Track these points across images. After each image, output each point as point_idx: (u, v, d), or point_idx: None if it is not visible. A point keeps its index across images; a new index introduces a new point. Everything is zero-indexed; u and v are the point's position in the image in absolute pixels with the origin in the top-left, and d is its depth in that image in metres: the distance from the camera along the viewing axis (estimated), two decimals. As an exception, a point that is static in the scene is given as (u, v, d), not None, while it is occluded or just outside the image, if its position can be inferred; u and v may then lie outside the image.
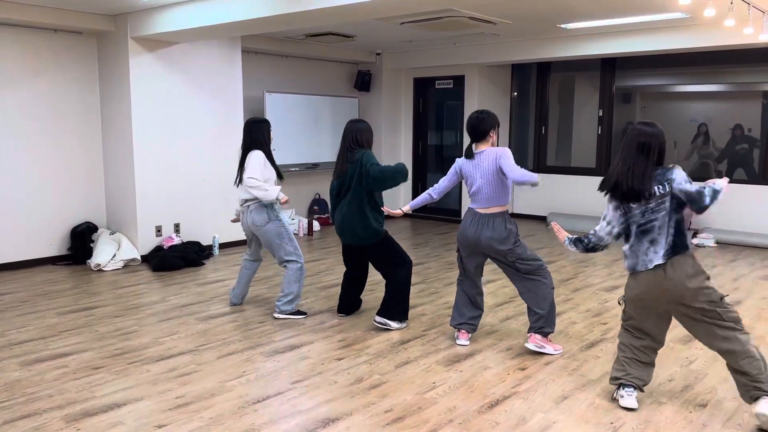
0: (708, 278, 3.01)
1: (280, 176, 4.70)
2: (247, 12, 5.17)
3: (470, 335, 4.16)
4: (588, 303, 5.15)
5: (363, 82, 9.40)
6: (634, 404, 3.15)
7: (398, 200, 10.01)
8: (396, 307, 4.42)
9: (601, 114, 8.91)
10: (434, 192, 4.15)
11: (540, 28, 7.29)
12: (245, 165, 4.52)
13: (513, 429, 3.01)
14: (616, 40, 7.46)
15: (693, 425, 3.05)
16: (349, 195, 4.33)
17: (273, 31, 7.39)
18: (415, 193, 10.00)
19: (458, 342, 4.13)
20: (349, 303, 4.77)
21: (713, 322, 2.98)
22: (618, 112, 8.93)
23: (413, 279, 5.90)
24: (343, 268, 4.78)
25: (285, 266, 4.69)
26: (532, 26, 7.19)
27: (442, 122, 9.88)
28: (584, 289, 5.61)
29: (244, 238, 7.46)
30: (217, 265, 6.53)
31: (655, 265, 3.00)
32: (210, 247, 7.02)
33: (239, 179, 4.60)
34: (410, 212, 4.29)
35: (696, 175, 8.22)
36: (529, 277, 3.91)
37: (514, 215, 9.89)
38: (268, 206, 4.58)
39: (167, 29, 5.86)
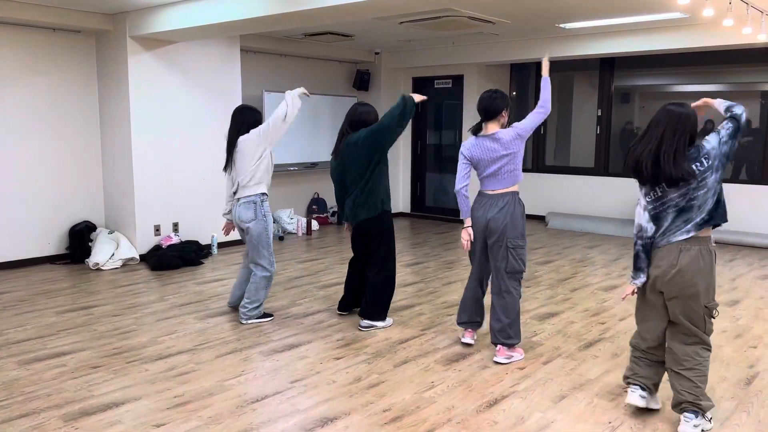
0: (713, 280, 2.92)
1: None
2: (246, 11, 5.17)
3: (475, 333, 4.14)
4: (586, 303, 5.16)
5: (362, 81, 9.40)
6: (637, 401, 3.09)
7: (397, 199, 10.01)
8: (378, 305, 4.41)
9: (599, 114, 8.91)
10: (465, 190, 3.91)
11: (539, 27, 7.29)
12: (254, 134, 4.38)
13: (511, 428, 3.01)
14: (614, 39, 7.46)
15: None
16: (362, 180, 4.28)
17: (272, 31, 7.39)
18: (414, 193, 10.00)
19: (463, 340, 4.11)
20: (351, 301, 4.73)
21: (695, 325, 2.91)
22: (617, 112, 8.93)
23: (412, 278, 5.91)
24: (343, 268, 4.78)
25: (253, 269, 4.55)
26: (531, 26, 7.20)
27: (440, 122, 9.88)
28: (582, 288, 5.61)
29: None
30: (215, 264, 6.53)
31: (676, 241, 2.86)
32: (209, 247, 7.02)
33: (229, 166, 4.49)
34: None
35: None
36: (508, 279, 3.80)
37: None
38: (257, 203, 4.45)
39: (166, 28, 5.86)
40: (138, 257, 6.48)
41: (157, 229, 6.70)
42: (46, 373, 3.64)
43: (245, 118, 4.50)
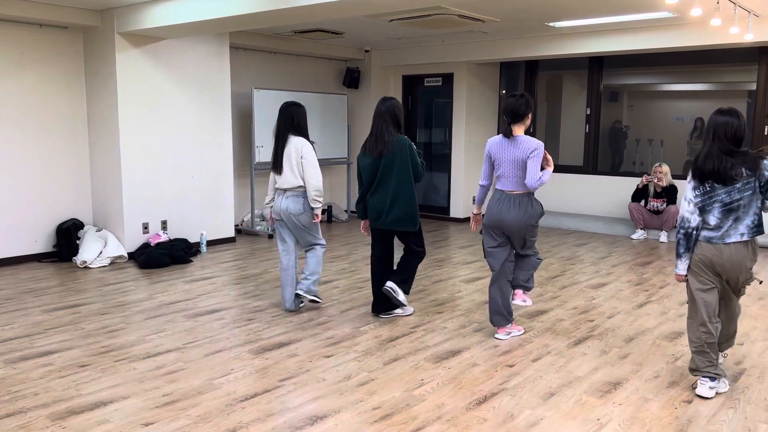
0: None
1: None
2: (235, 8, 5.15)
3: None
4: (575, 300, 5.18)
5: (352, 79, 9.39)
6: (707, 393, 3.32)
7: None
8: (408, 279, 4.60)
9: (588, 112, 8.95)
10: (483, 181, 4.27)
11: (528, 26, 7.31)
12: (306, 161, 4.50)
13: (500, 425, 3.02)
14: (603, 38, 7.50)
15: (679, 421, 3.08)
16: (396, 180, 4.38)
17: (261, 28, 7.36)
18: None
19: (517, 302, 4.36)
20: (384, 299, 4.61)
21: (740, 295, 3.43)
22: (605, 111, 8.98)
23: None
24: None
25: (312, 249, 4.77)
26: (521, 24, 7.21)
27: (431, 120, 9.88)
28: (571, 286, 5.64)
29: (232, 235, 7.51)
30: (204, 262, 6.50)
31: (733, 242, 3.20)
32: (197, 245, 6.99)
33: (279, 166, 4.56)
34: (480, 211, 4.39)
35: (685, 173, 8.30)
36: (526, 253, 4.21)
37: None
38: (305, 197, 4.58)
39: (154, 25, 5.82)
40: (126, 255, 6.44)
41: (146, 227, 6.67)
42: (33, 372, 3.61)
43: (297, 122, 4.60)
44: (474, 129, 9.32)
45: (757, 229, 3.22)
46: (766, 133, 7.66)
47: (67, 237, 6.44)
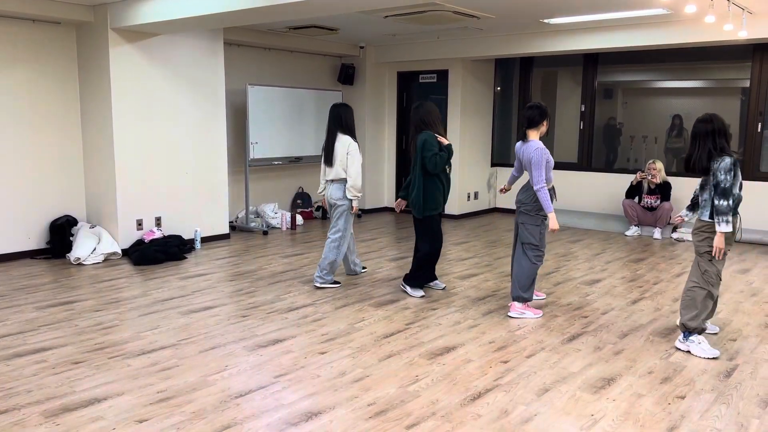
0: None
1: None
2: (229, 4, 5.12)
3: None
4: (569, 297, 5.20)
5: (346, 75, 9.37)
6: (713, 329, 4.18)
7: (382, 194, 10.01)
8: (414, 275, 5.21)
9: (583, 109, 8.97)
10: (515, 171, 4.99)
11: (523, 22, 7.31)
12: (351, 157, 5.20)
13: (495, 421, 3.03)
14: (598, 35, 7.51)
15: (672, 416, 3.09)
16: (414, 171, 5.09)
17: (255, 23, 7.34)
18: (399, 186, 10.00)
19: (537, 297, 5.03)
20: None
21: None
22: (600, 108, 9.00)
23: (396, 273, 5.92)
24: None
25: (332, 236, 5.35)
26: (516, 21, 7.21)
27: (425, 116, 9.86)
28: (565, 282, 5.65)
29: (226, 231, 7.50)
30: (198, 258, 6.49)
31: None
32: (191, 241, 6.97)
33: (329, 159, 5.27)
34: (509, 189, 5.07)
35: (668, 169, 8.33)
36: (522, 247, 4.67)
37: (496, 210, 9.94)
38: (346, 187, 5.26)
39: (148, 20, 5.79)
40: (120, 252, 6.42)
41: (140, 224, 6.65)
42: (26, 369, 3.60)
43: (346, 122, 5.30)
44: (469, 125, 9.32)
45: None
46: (759, 130, 7.69)
47: (61, 234, 6.41)
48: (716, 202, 3.72)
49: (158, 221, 6.79)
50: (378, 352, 3.91)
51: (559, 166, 9.15)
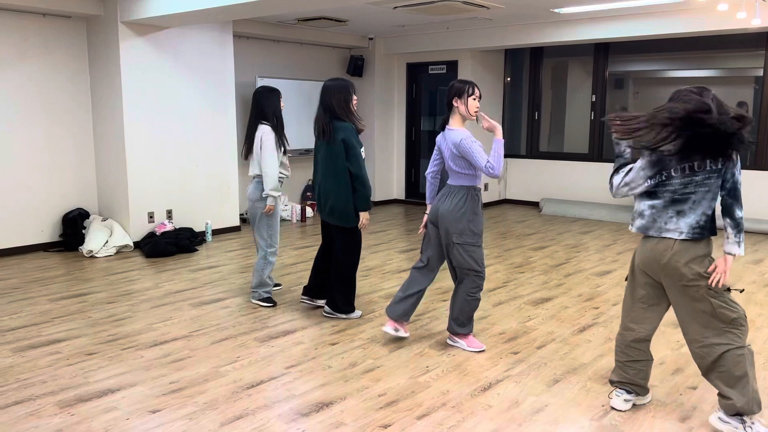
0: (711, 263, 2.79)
1: (285, 151, 4.69)
2: (239, -4, 5.13)
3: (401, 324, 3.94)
4: (580, 288, 5.18)
5: (356, 67, 9.36)
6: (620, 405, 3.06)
7: (392, 186, 10.00)
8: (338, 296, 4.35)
9: (594, 99, 8.91)
10: (427, 174, 3.92)
11: (533, 12, 7.26)
12: (262, 149, 4.51)
13: (505, 412, 3.03)
14: (609, 24, 7.44)
15: (683, 408, 3.08)
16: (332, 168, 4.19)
17: (265, 15, 7.33)
18: (408, 180, 10.00)
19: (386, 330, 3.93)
20: (317, 285, 4.52)
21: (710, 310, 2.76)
22: (611, 98, 8.93)
23: (406, 264, 5.93)
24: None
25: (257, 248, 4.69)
26: (526, 11, 7.16)
27: (435, 108, 9.85)
28: (576, 273, 5.63)
29: (237, 224, 7.53)
30: (209, 251, 6.52)
31: (669, 237, 2.78)
32: (203, 234, 7.00)
33: (246, 153, 4.66)
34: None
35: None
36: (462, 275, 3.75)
37: (506, 201, 9.90)
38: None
39: (157, 13, 5.80)
40: (132, 244, 6.46)
41: (151, 216, 6.68)
42: (41, 360, 3.64)
43: (263, 108, 4.65)
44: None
45: None
46: (772, 120, 7.61)
47: (73, 226, 6.46)
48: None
49: (169, 214, 6.83)
50: (388, 343, 3.92)
51: (569, 156, 9.10)
